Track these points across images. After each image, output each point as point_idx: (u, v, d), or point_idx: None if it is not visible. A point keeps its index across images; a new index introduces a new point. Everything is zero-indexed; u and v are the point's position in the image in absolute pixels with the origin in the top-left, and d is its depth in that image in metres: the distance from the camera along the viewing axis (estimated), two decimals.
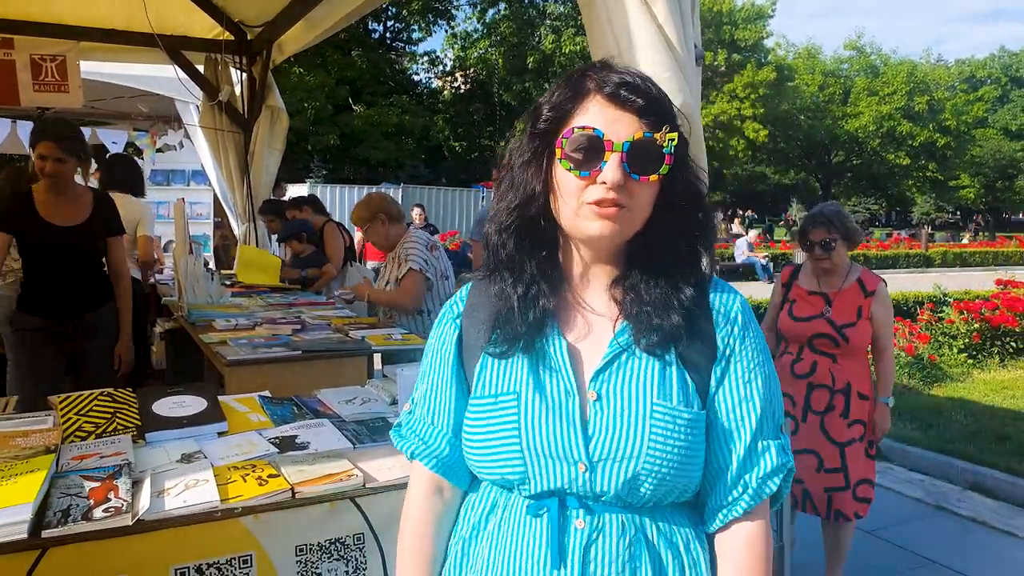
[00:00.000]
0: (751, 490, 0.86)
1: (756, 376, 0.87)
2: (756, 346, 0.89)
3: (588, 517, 0.84)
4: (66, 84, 4.57)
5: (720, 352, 0.87)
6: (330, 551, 1.35)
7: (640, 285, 0.86)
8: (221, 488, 1.26)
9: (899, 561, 2.96)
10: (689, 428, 0.84)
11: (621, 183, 0.81)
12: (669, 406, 0.83)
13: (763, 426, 0.87)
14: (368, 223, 3.08)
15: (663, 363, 0.85)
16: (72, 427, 1.46)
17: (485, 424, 0.87)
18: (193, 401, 1.59)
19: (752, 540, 0.87)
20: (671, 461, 0.83)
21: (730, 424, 0.87)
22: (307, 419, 1.62)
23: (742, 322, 0.88)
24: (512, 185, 0.89)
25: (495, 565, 0.87)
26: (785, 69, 27.97)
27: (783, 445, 0.89)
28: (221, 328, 2.72)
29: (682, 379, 0.86)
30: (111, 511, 1.14)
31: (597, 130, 0.81)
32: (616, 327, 0.87)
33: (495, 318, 0.89)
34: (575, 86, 0.85)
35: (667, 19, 1.45)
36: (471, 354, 0.91)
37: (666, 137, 0.82)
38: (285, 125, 4.95)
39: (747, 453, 0.86)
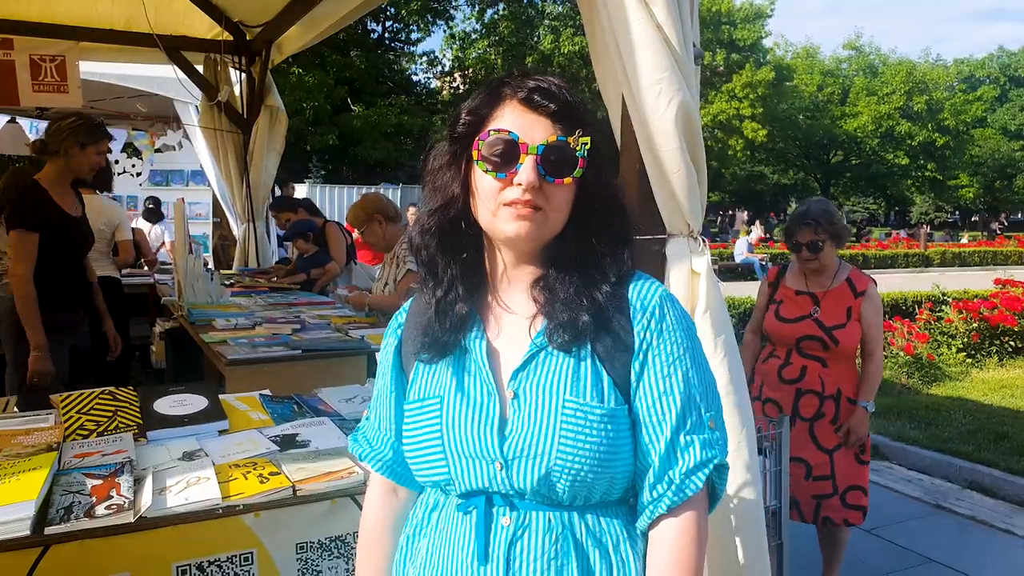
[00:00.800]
0: (675, 486, 0.85)
1: (676, 369, 0.87)
2: (677, 338, 0.88)
3: (513, 514, 0.85)
4: (65, 84, 4.57)
5: (637, 346, 0.87)
6: (330, 549, 1.36)
7: (556, 285, 0.87)
8: (222, 486, 1.26)
9: (898, 560, 2.97)
10: (603, 424, 0.84)
11: (536, 184, 0.83)
12: (580, 402, 0.84)
13: (685, 419, 0.86)
14: (365, 224, 3.07)
15: (577, 360, 0.86)
16: (74, 425, 1.46)
17: (414, 428, 0.90)
18: (194, 400, 1.59)
19: (679, 537, 0.86)
20: (584, 458, 0.83)
21: (651, 419, 0.86)
22: (307, 417, 1.63)
23: (659, 314, 0.88)
24: (433, 188, 0.91)
25: (430, 562, 0.90)
26: (784, 69, 27.97)
27: (710, 440, 0.87)
28: (221, 328, 2.73)
29: (596, 375, 0.86)
30: (113, 508, 1.15)
31: (512, 133, 0.83)
32: (535, 327, 0.88)
33: (423, 325, 0.91)
34: (492, 92, 0.88)
35: (666, 19, 1.45)
36: (408, 362, 0.95)
37: (579, 141, 0.84)
38: (284, 125, 4.95)
39: (668, 448, 0.86)
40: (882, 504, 3.48)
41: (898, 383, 5.44)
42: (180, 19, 4.62)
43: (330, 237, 4.54)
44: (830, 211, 2.41)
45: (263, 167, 4.97)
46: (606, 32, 1.53)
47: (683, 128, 1.48)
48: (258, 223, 5.15)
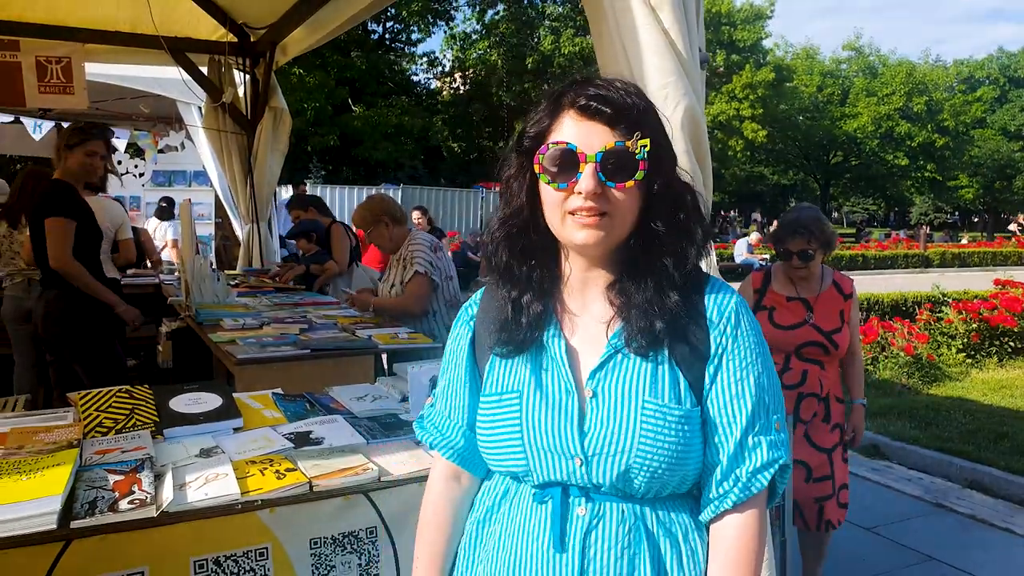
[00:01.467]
0: (741, 484, 0.89)
1: (748, 374, 0.91)
2: (750, 345, 0.91)
3: (589, 505, 0.89)
4: (71, 86, 4.60)
5: (713, 351, 0.91)
6: (344, 544, 1.38)
7: (631, 288, 0.90)
8: (240, 482, 1.29)
9: (898, 558, 2.99)
10: (680, 424, 0.88)
11: (597, 191, 0.85)
12: (659, 403, 0.88)
13: (754, 422, 0.90)
14: (372, 226, 3.07)
15: (655, 363, 0.90)
16: (92, 423, 1.49)
17: (492, 420, 0.94)
18: (209, 398, 1.62)
19: (742, 532, 0.90)
20: (661, 455, 0.87)
21: (722, 420, 0.90)
22: (320, 415, 1.65)
23: (735, 321, 0.91)
24: (504, 198, 0.95)
25: (504, 547, 0.94)
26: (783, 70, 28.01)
27: (776, 441, 0.91)
28: (229, 328, 2.76)
29: (674, 377, 0.90)
30: (136, 503, 1.17)
31: (570, 144, 0.86)
32: (611, 329, 0.91)
33: (499, 320, 0.94)
34: (553, 103, 0.90)
35: (672, 25, 1.48)
36: (483, 354, 0.98)
37: (638, 144, 0.85)
38: (288, 126, 4.98)
39: (738, 448, 0.90)
40: (882, 503, 3.51)
41: (898, 383, 5.47)
42: (185, 21, 4.65)
43: (334, 238, 4.56)
44: (821, 219, 2.36)
45: (267, 168, 4.99)
46: (613, 37, 1.56)
47: (689, 132, 1.51)
48: (262, 223, 5.18)
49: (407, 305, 2.94)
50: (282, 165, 5.16)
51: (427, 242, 3.03)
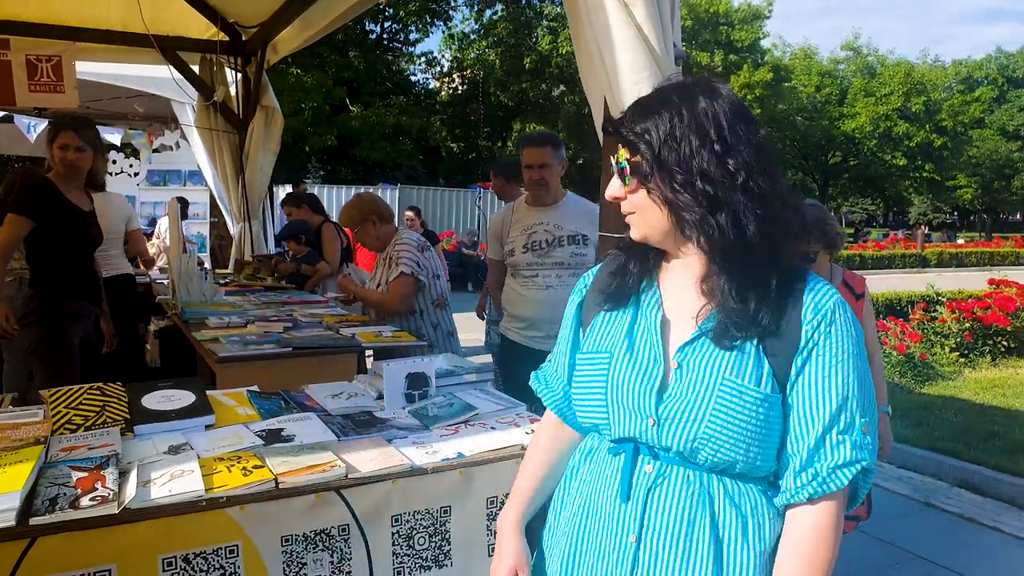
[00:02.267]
0: (819, 479, 0.91)
1: (838, 371, 0.92)
2: (843, 343, 0.93)
3: (655, 463, 0.97)
4: (62, 84, 4.59)
5: (803, 344, 0.93)
6: (315, 542, 1.38)
7: (724, 286, 0.94)
8: (206, 478, 1.28)
9: (887, 557, 2.99)
10: (755, 406, 0.91)
11: (617, 194, 1.02)
12: (738, 383, 0.92)
13: (838, 419, 0.91)
14: (359, 224, 3.06)
15: (742, 345, 0.95)
16: (62, 420, 1.48)
17: (583, 375, 1.05)
18: (182, 395, 1.61)
19: (817, 525, 0.92)
20: (730, 432, 0.91)
21: (806, 412, 0.92)
22: (294, 413, 1.65)
23: (831, 318, 0.94)
24: None
25: (582, 493, 1.05)
26: (782, 70, 28.00)
27: (860, 443, 0.92)
28: (214, 326, 2.75)
29: (758, 362, 0.94)
30: (97, 500, 1.17)
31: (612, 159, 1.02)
32: (703, 313, 0.97)
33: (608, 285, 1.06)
34: None
35: (646, 20, 1.47)
36: (588, 316, 1.10)
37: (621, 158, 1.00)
38: (280, 125, 4.97)
39: (819, 442, 0.91)
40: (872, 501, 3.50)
41: (891, 382, 5.46)
42: (176, 19, 4.64)
43: (325, 238, 4.54)
44: (823, 218, 2.26)
45: (259, 167, 4.99)
46: (588, 34, 1.56)
47: None
48: (254, 222, 5.17)
49: (389, 303, 2.93)
50: (274, 164, 5.15)
51: (414, 242, 3.02)
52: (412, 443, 1.52)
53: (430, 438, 1.56)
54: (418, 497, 1.44)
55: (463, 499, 1.48)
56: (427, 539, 1.47)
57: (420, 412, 1.67)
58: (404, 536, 1.44)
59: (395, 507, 1.42)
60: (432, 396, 1.76)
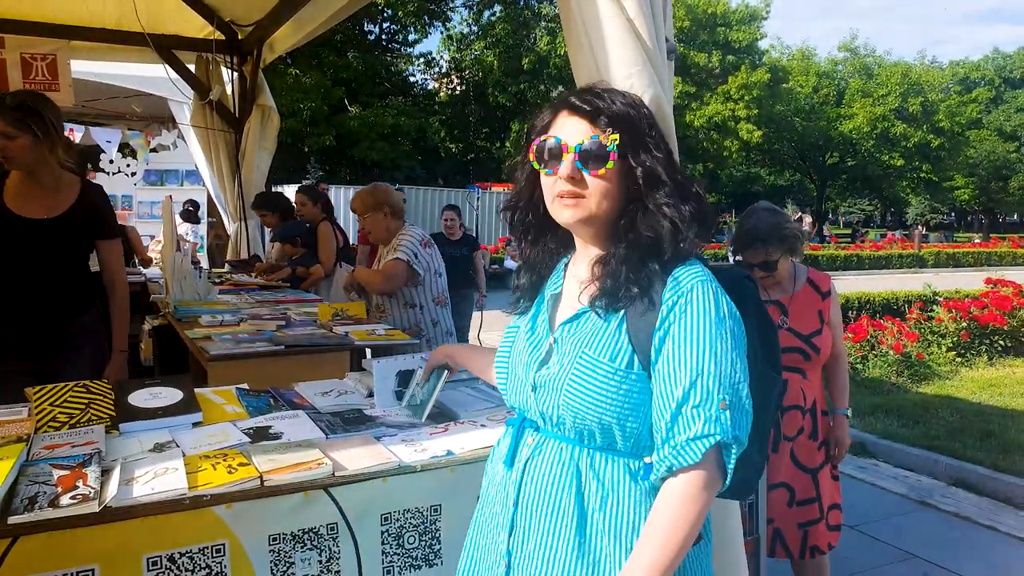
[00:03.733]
0: (675, 450, 0.94)
1: (691, 348, 0.95)
2: (698, 321, 0.96)
3: (535, 436, 1.08)
4: (56, 83, 4.58)
5: (661, 321, 0.98)
6: (303, 541, 1.36)
7: (611, 260, 1.03)
8: (191, 476, 1.27)
9: (882, 556, 2.98)
10: (607, 378, 0.99)
11: (573, 176, 1.01)
12: (592, 356, 1.00)
13: (692, 393, 0.94)
14: (371, 211, 2.98)
15: (607, 322, 1.02)
16: (46, 417, 1.47)
17: (501, 348, 1.19)
18: (169, 393, 1.59)
19: (671, 497, 0.95)
20: (586, 401, 0.99)
21: (664, 388, 0.97)
22: (283, 411, 1.63)
23: (688, 298, 0.98)
24: (515, 185, 1.14)
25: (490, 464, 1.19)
26: (779, 71, 28.00)
27: (715, 417, 0.93)
28: (206, 324, 2.73)
29: (617, 338, 1.01)
30: (78, 498, 1.15)
31: (556, 137, 1.03)
32: (587, 293, 1.05)
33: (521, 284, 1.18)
34: (554, 107, 1.08)
35: (637, 14, 1.46)
36: None
37: (610, 138, 1.00)
38: (276, 124, 4.96)
39: (674, 416, 0.95)
40: (867, 501, 3.50)
41: (887, 381, 5.46)
42: (172, 18, 4.63)
43: (321, 237, 4.51)
44: (780, 224, 2.13)
45: (255, 166, 4.97)
46: (579, 28, 1.54)
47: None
48: (250, 221, 5.15)
49: (373, 279, 2.98)
50: (270, 163, 5.13)
51: (418, 235, 3.02)
52: (401, 441, 1.50)
53: (420, 436, 1.54)
54: (408, 495, 1.42)
55: (453, 497, 1.47)
56: (417, 538, 1.45)
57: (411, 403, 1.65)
58: (394, 535, 1.43)
59: (384, 505, 1.41)
60: None
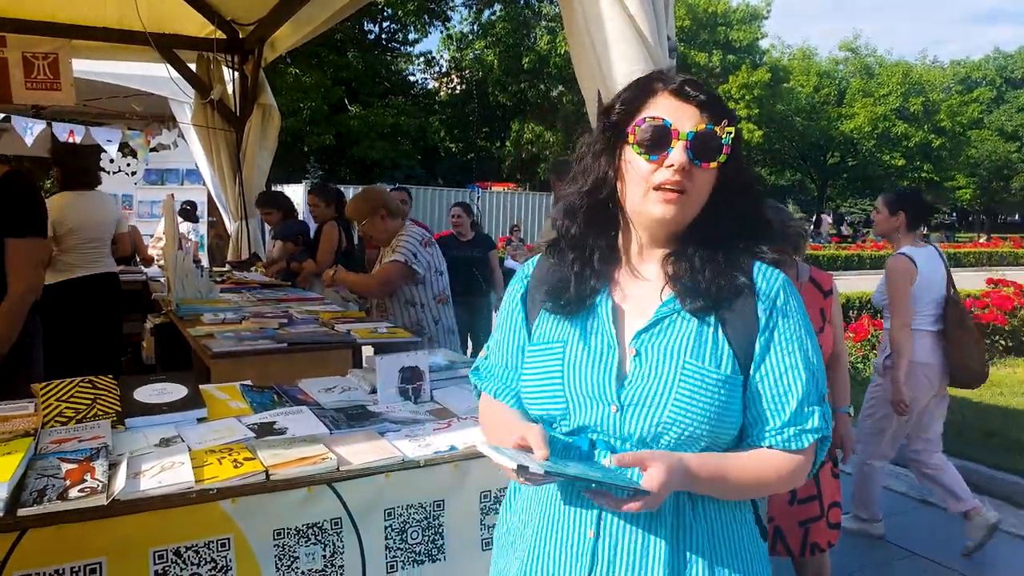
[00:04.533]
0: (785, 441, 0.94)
1: (798, 348, 0.95)
2: (798, 320, 0.97)
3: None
4: (58, 82, 4.59)
5: (763, 325, 0.95)
6: (308, 535, 1.37)
7: (695, 258, 0.96)
8: (197, 470, 1.28)
9: (882, 554, 2.99)
10: (717, 387, 0.92)
11: (686, 166, 0.92)
12: (699, 365, 0.93)
13: (809, 393, 0.95)
14: (367, 216, 3.03)
15: (702, 326, 0.95)
16: (53, 412, 1.48)
17: (536, 367, 1.01)
18: (174, 389, 1.60)
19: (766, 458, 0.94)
20: (694, 414, 0.91)
21: (776, 390, 0.95)
22: (287, 407, 1.64)
23: (784, 297, 0.97)
24: (584, 172, 1.01)
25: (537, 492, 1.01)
26: (780, 70, 28.02)
27: (825, 413, 0.96)
28: (208, 322, 2.74)
29: (717, 343, 0.94)
30: (86, 491, 1.16)
31: (666, 120, 0.92)
32: (664, 296, 0.97)
33: (555, 282, 1.02)
34: (643, 86, 0.97)
35: (639, 13, 1.47)
36: (533, 309, 1.06)
37: (724, 130, 0.93)
38: (277, 123, 4.97)
39: (793, 415, 0.94)
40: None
41: None
42: (173, 17, 4.64)
43: (323, 236, 4.49)
44: (783, 221, 2.14)
45: (256, 165, 4.99)
46: (581, 27, 1.55)
47: None
48: (251, 220, 5.17)
49: (367, 284, 2.96)
50: (271, 163, 5.14)
51: (417, 235, 3.03)
52: (405, 436, 1.51)
53: (423, 432, 1.55)
54: (411, 490, 1.43)
55: (457, 492, 1.48)
56: (420, 533, 1.46)
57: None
58: (397, 530, 1.44)
59: (388, 500, 1.42)
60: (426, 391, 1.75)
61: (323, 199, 4.52)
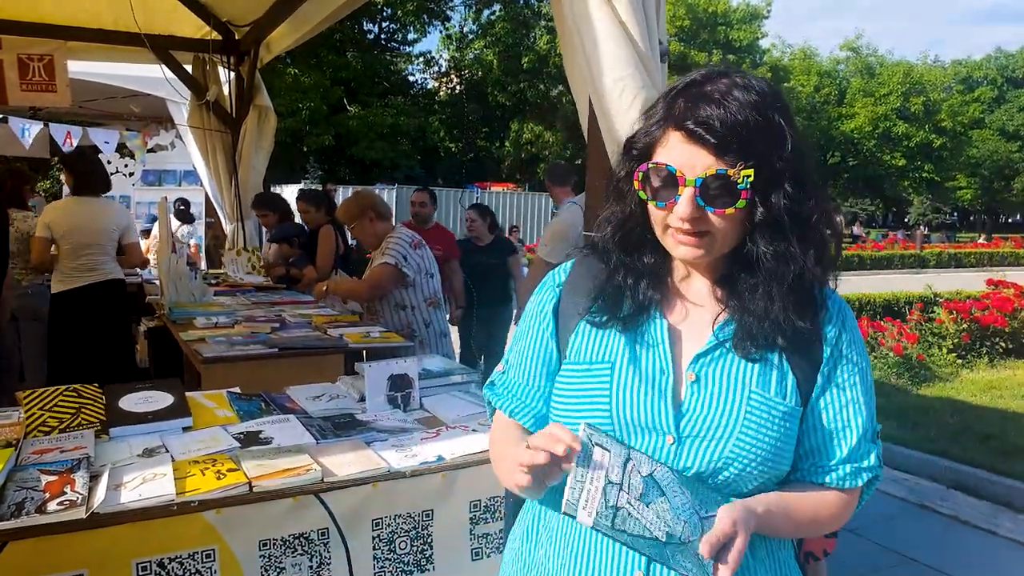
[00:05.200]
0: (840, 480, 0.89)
1: (859, 381, 0.91)
2: (859, 350, 0.92)
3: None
4: (53, 83, 4.58)
5: (828, 355, 0.90)
6: (294, 546, 1.36)
7: (745, 294, 0.88)
8: (179, 482, 1.26)
9: (881, 559, 2.97)
10: (783, 421, 0.86)
11: (694, 216, 0.83)
12: (767, 396, 0.86)
13: (868, 430, 0.91)
14: (356, 219, 3.05)
15: (767, 355, 0.88)
16: (36, 422, 1.46)
17: (577, 388, 0.90)
18: (160, 397, 1.59)
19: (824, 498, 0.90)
20: (759, 448, 0.85)
21: (836, 424, 0.90)
22: (274, 415, 1.62)
23: (847, 327, 0.92)
24: (618, 194, 0.93)
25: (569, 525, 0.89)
26: (780, 70, 28.01)
27: (879, 453, 0.92)
28: (201, 326, 2.73)
29: (782, 373, 0.88)
30: (65, 504, 1.15)
31: (670, 166, 0.84)
32: (719, 320, 0.89)
33: (599, 291, 0.92)
34: (666, 109, 0.87)
35: (629, 17, 1.45)
36: (567, 321, 0.95)
37: (741, 174, 0.81)
38: (273, 125, 4.95)
39: (851, 451, 0.90)
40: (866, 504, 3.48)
41: (887, 383, 5.44)
42: (168, 19, 4.62)
43: (320, 240, 4.46)
44: None
45: (252, 166, 4.96)
46: (571, 30, 1.54)
47: None
48: (247, 221, 5.15)
49: (358, 290, 2.97)
50: (267, 164, 5.13)
51: (407, 237, 3.02)
52: (392, 446, 1.50)
53: (411, 441, 1.53)
54: (399, 500, 1.42)
55: (445, 502, 1.46)
56: (409, 543, 1.44)
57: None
58: (385, 540, 1.42)
59: (376, 511, 1.40)
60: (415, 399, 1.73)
61: (312, 204, 4.47)
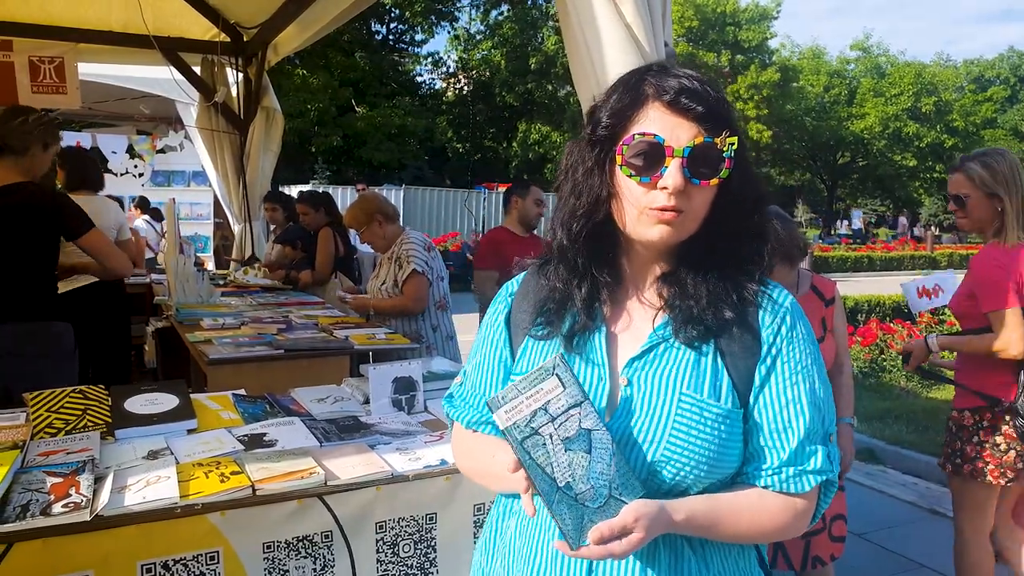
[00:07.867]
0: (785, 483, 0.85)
1: (803, 379, 0.86)
2: (805, 348, 0.88)
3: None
4: (64, 85, 4.62)
5: (765, 351, 0.87)
6: (298, 548, 1.36)
7: (687, 281, 0.87)
8: (183, 484, 1.26)
9: (889, 565, 2.94)
10: (718, 423, 0.83)
11: (682, 188, 0.82)
12: (698, 398, 0.84)
13: (811, 431, 0.86)
14: (365, 225, 3.04)
15: (699, 355, 0.86)
16: (42, 424, 1.47)
17: None
18: (165, 399, 1.59)
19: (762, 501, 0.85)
20: (693, 451, 0.82)
21: (776, 425, 0.85)
22: (278, 417, 1.63)
23: (791, 322, 0.88)
24: (575, 191, 0.89)
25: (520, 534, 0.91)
26: (790, 70, 27.83)
27: (830, 454, 0.87)
28: (208, 327, 2.74)
29: (716, 373, 0.86)
30: (70, 507, 1.15)
31: (658, 136, 0.82)
32: (657, 320, 0.88)
33: (541, 304, 0.92)
34: (633, 91, 0.85)
35: (635, 19, 1.44)
36: (517, 333, 0.96)
37: (726, 141, 0.82)
38: (281, 126, 4.97)
39: (793, 454, 0.85)
40: (875, 508, 3.45)
41: (897, 386, 5.39)
42: (177, 21, 4.65)
43: (319, 243, 4.46)
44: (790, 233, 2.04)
45: (259, 167, 5.00)
46: (576, 32, 1.53)
47: None
48: (255, 222, 5.18)
49: (405, 305, 2.94)
50: (275, 165, 5.15)
51: (420, 241, 3.02)
52: (395, 449, 1.49)
53: (415, 444, 1.53)
54: (403, 504, 1.41)
55: (449, 506, 1.46)
56: (412, 546, 1.44)
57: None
58: (389, 543, 1.42)
59: (379, 514, 1.40)
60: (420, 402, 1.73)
61: (311, 206, 4.48)
